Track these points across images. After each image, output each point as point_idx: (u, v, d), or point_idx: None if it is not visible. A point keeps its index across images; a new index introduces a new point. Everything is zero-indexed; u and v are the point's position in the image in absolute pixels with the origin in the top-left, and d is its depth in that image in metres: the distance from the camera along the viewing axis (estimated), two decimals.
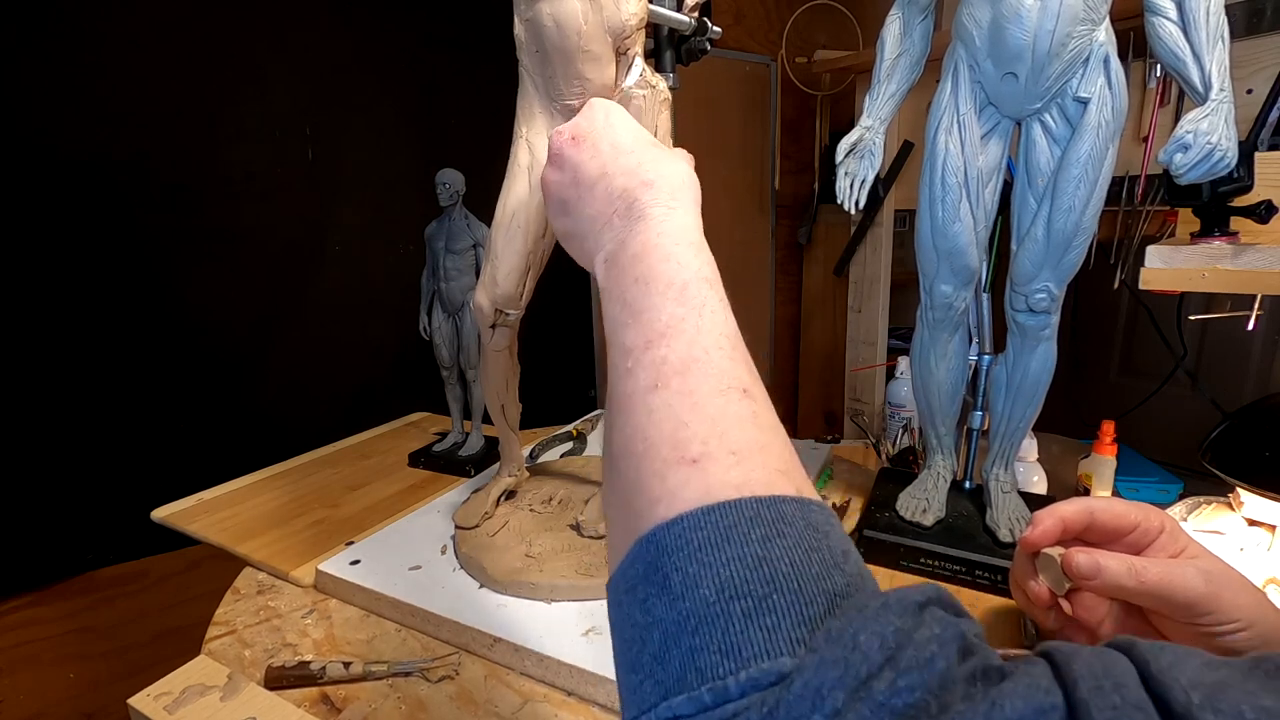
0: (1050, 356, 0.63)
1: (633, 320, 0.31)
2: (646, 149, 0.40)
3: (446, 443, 0.98)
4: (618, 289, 0.34)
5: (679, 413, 0.27)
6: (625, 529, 0.26)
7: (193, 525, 0.80)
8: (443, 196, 0.87)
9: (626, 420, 0.28)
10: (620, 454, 0.28)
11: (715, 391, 0.28)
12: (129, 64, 1.00)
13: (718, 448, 0.25)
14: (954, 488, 0.71)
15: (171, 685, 0.53)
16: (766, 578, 0.21)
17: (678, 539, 0.23)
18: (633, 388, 0.29)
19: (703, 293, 0.32)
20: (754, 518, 0.23)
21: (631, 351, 0.30)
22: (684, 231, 0.35)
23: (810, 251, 2.08)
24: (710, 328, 0.30)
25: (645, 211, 0.36)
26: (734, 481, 0.24)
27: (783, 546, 0.22)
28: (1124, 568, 0.42)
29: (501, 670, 0.54)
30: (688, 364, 0.28)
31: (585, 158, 0.40)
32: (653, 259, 0.33)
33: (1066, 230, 0.57)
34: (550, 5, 0.51)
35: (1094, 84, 0.54)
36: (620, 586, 0.25)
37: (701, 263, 0.34)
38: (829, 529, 0.24)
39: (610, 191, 0.38)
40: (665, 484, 0.25)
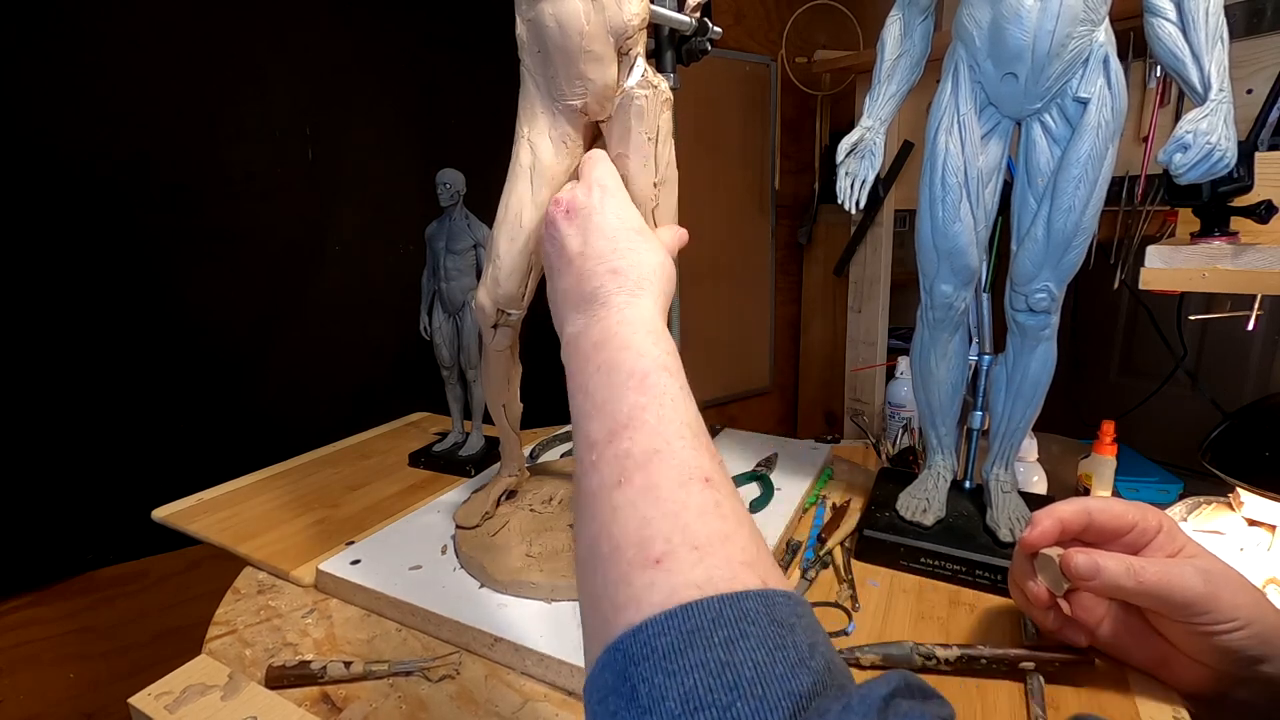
0: (1050, 356, 0.63)
1: (595, 410, 0.32)
2: (626, 235, 0.41)
3: (447, 443, 0.98)
4: (581, 377, 0.35)
5: (643, 510, 0.27)
6: (595, 636, 0.26)
7: (193, 525, 0.80)
8: (443, 197, 0.87)
9: (593, 518, 0.29)
10: (588, 555, 0.29)
11: (677, 484, 0.28)
12: (129, 64, 1.00)
13: (680, 544, 0.26)
14: (954, 488, 0.71)
15: (172, 685, 0.53)
16: (730, 684, 0.21)
17: (643, 647, 0.23)
18: (598, 484, 0.29)
19: (663, 382, 0.32)
20: (716, 619, 0.23)
21: (595, 445, 0.31)
22: (643, 320, 0.36)
23: (810, 251, 2.08)
24: (671, 417, 0.31)
25: (608, 299, 0.37)
26: (696, 581, 0.25)
27: (746, 649, 0.22)
28: (1122, 568, 0.42)
29: (502, 670, 0.54)
30: (650, 456, 0.29)
31: (570, 233, 0.42)
32: (613, 347, 0.34)
33: (1066, 230, 0.57)
34: (552, 5, 0.51)
35: (1094, 84, 0.55)
36: (593, 696, 0.25)
37: (661, 351, 0.34)
38: (795, 622, 0.24)
39: (581, 272, 0.39)
40: (631, 589, 0.25)
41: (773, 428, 2.19)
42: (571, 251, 0.41)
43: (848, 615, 0.58)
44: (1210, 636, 0.41)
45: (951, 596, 0.61)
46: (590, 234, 0.41)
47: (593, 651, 0.26)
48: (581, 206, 0.43)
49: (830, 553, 0.68)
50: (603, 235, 0.41)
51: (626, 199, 0.44)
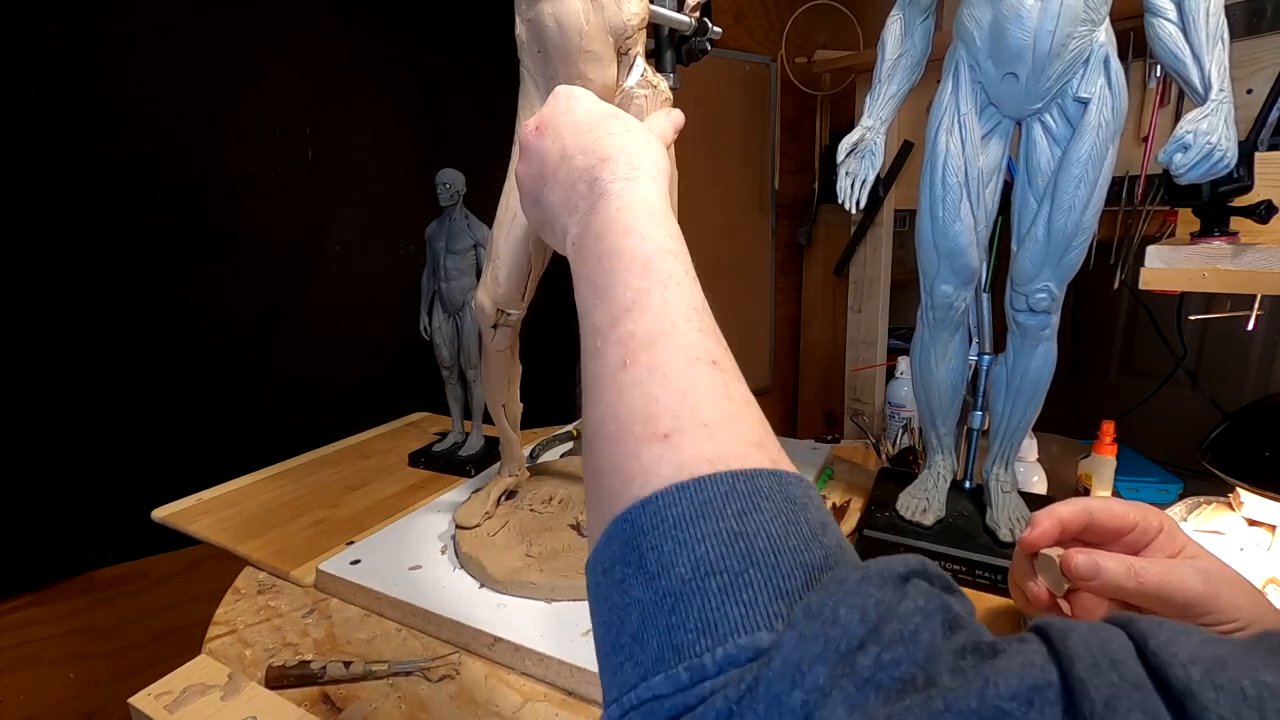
0: (1050, 356, 0.63)
1: (599, 299, 0.31)
2: (604, 122, 0.39)
3: (446, 443, 0.98)
4: (584, 269, 0.33)
5: (648, 388, 0.26)
6: (601, 511, 0.25)
7: (193, 525, 0.80)
8: (443, 196, 0.87)
9: (598, 400, 0.28)
10: (594, 436, 0.28)
11: (684, 364, 0.27)
12: (129, 64, 1.00)
13: (689, 421, 0.25)
14: (954, 487, 0.71)
15: (172, 685, 0.53)
16: (742, 552, 0.21)
17: (653, 517, 0.23)
18: (602, 367, 0.29)
19: (667, 265, 0.31)
20: (729, 492, 0.23)
21: (599, 330, 0.30)
22: (644, 204, 0.34)
23: (810, 251, 2.08)
24: (676, 300, 0.30)
25: (605, 188, 0.35)
26: (707, 455, 0.24)
27: (759, 521, 0.22)
28: (1123, 568, 0.42)
29: (502, 670, 0.54)
30: (655, 338, 0.28)
31: (548, 144, 0.40)
32: (614, 235, 0.33)
33: (1067, 230, 0.57)
34: (552, 5, 0.51)
35: (1094, 84, 0.55)
36: (597, 568, 0.24)
37: (664, 234, 0.33)
38: (806, 501, 0.24)
39: (571, 173, 0.37)
40: (639, 462, 0.24)
41: (773, 427, 2.18)
42: (554, 160, 0.39)
43: None
44: None
45: None
46: (566, 136, 0.39)
47: (598, 526, 0.25)
48: (550, 116, 0.41)
49: None
50: (580, 131, 0.39)
51: (593, 96, 0.42)
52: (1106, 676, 0.17)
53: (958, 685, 0.17)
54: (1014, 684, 0.17)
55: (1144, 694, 0.17)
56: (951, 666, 0.18)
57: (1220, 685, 0.17)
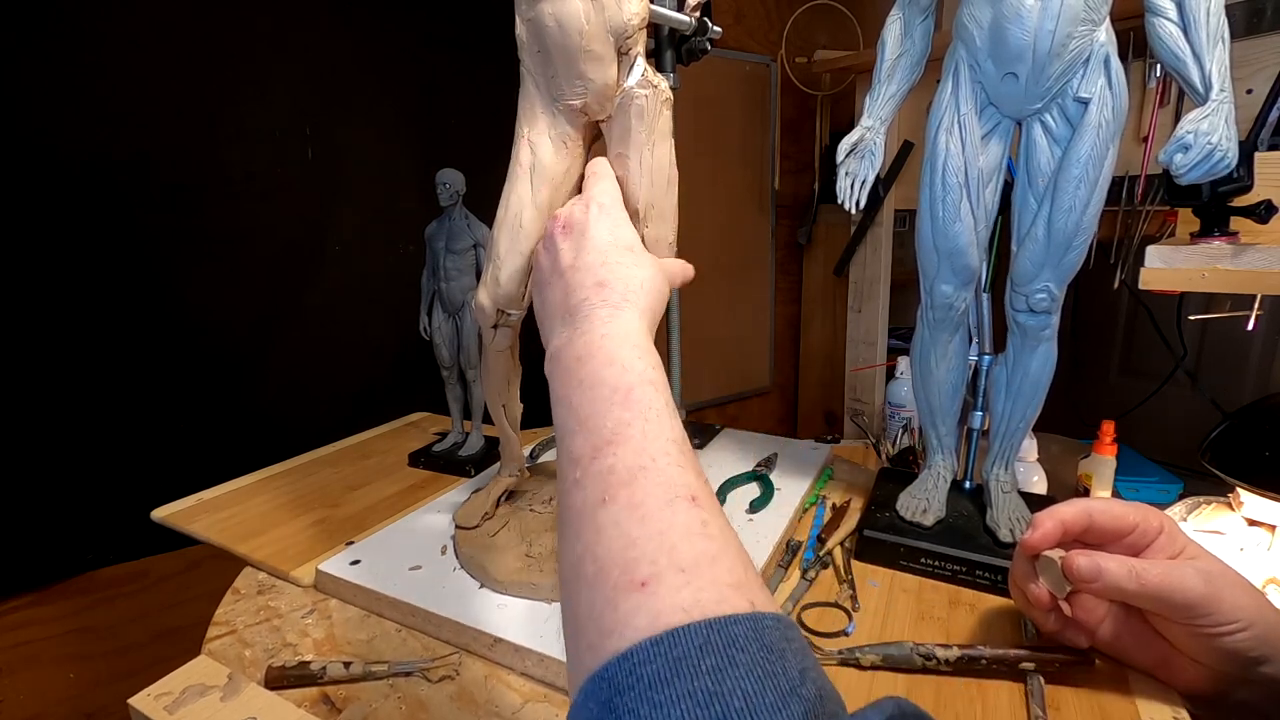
0: (1051, 357, 0.63)
1: (579, 426, 0.31)
2: (615, 251, 0.41)
3: (446, 443, 0.98)
4: (564, 392, 0.34)
5: (627, 529, 0.27)
6: (579, 662, 0.25)
7: (193, 525, 0.80)
8: (443, 196, 0.87)
9: (577, 537, 0.28)
10: (572, 576, 0.28)
11: (663, 502, 0.27)
12: (129, 64, 1.00)
13: (666, 566, 0.25)
14: (954, 488, 0.71)
15: (172, 685, 0.53)
16: (718, 716, 0.21)
17: (628, 675, 0.23)
18: (582, 502, 0.29)
19: (648, 396, 0.32)
20: (704, 645, 0.23)
21: (579, 461, 0.30)
22: (628, 335, 0.35)
23: (810, 251, 2.08)
24: (656, 433, 0.30)
25: (591, 312, 0.36)
26: (683, 604, 0.24)
27: (734, 677, 0.22)
28: (1124, 570, 0.42)
29: (502, 670, 0.54)
30: (635, 473, 0.28)
31: (564, 247, 0.42)
32: (597, 362, 0.33)
33: (1067, 230, 0.57)
34: (552, 5, 0.51)
35: (1094, 84, 0.55)
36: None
37: (646, 365, 0.34)
38: (785, 647, 0.24)
39: (569, 285, 0.39)
40: (616, 613, 0.25)
41: (773, 428, 2.19)
42: (563, 264, 0.41)
43: (848, 615, 0.58)
44: (1211, 638, 0.41)
45: (951, 597, 0.61)
46: (582, 248, 0.41)
47: (576, 678, 0.25)
48: (577, 222, 0.43)
49: (830, 553, 0.68)
50: (594, 249, 0.41)
51: (623, 217, 0.44)
52: None
53: None
54: None
55: None
56: None
57: None
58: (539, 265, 0.44)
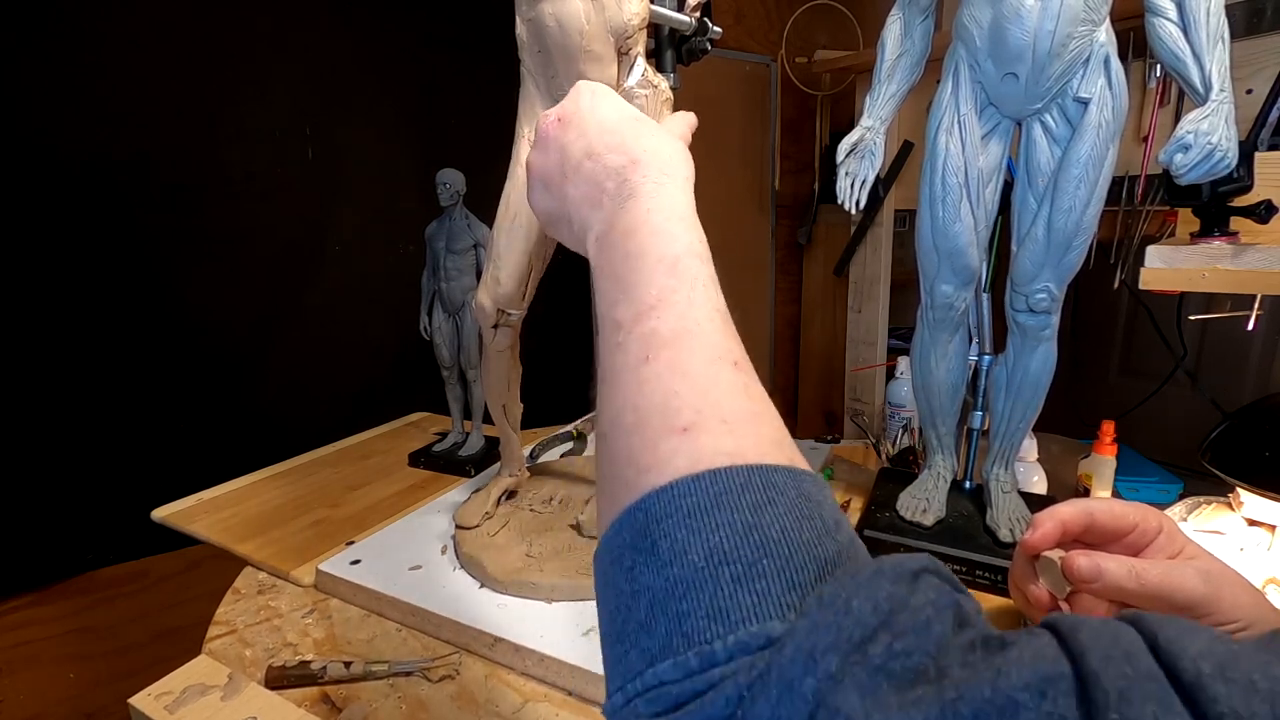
0: (1050, 357, 0.63)
1: (623, 295, 0.31)
2: (630, 124, 0.39)
3: (446, 443, 0.98)
4: (609, 265, 0.33)
5: (669, 383, 0.26)
6: (614, 500, 0.25)
7: (193, 525, 0.80)
8: (443, 196, 0.87)
9: (616, 393, 0.28)
10: (610, 427, 0.28)
11: (706, 362, 0.27)
12: (129, 64, 1.00)
13: (709, 416, 0.25)
14: (954, 488, 0.71)
15: (172, 685, 0.53)
16: (757, 543, 0.21)
17: (667, 505, 0.23)
18: (623, 361, 0.28)
19: (694, 267, 0.31)
20: (745, 485, 0.23)
21: (622, 325, 0.30)
22: (674, 207, 0.35)
23: (810, 251, 2.08)
24: (701, 301, 0.30)
25: (635, 189, 0.35)
26: (725, 449, 0.24)
27: (773, 514, 0.22)
28: (1124, 570, 0.42)
29: (502, 670, 0.54)
30: (679, 335, 0.28)
31: (571, 138, 0.40)
32: (643, 234, 0.33)
33: (1067, 230, 0.57)
34: (553, 5, 0.51)
35: (1094, 84, 0.55)
36: (606, 557, 0.24)
37: (693, 238, 0.33)
38: (821, 498, 0.24)
39: (597, 171, 0.37)
40: (656, 453, 0.24)
41: None
42: (577, 156, 0.39)
43: None
44: None
45: None
46: (592, 133, 0.39)
47: (609, 516, 0.25)
48: (573, 111, 0.40)
49: None
50: (607, 130, 0.39)
51: (618, 98, 0.42)
52: (1120, 668, 0.17)
53: (970, 676, 0.17)
54: (1026, 674, 0.17)
55: (1158, 685, 0.17)
56: (962, 660, 0.18)
57: (1231, 679, 0.17)
58: (538, 168, 0.41)
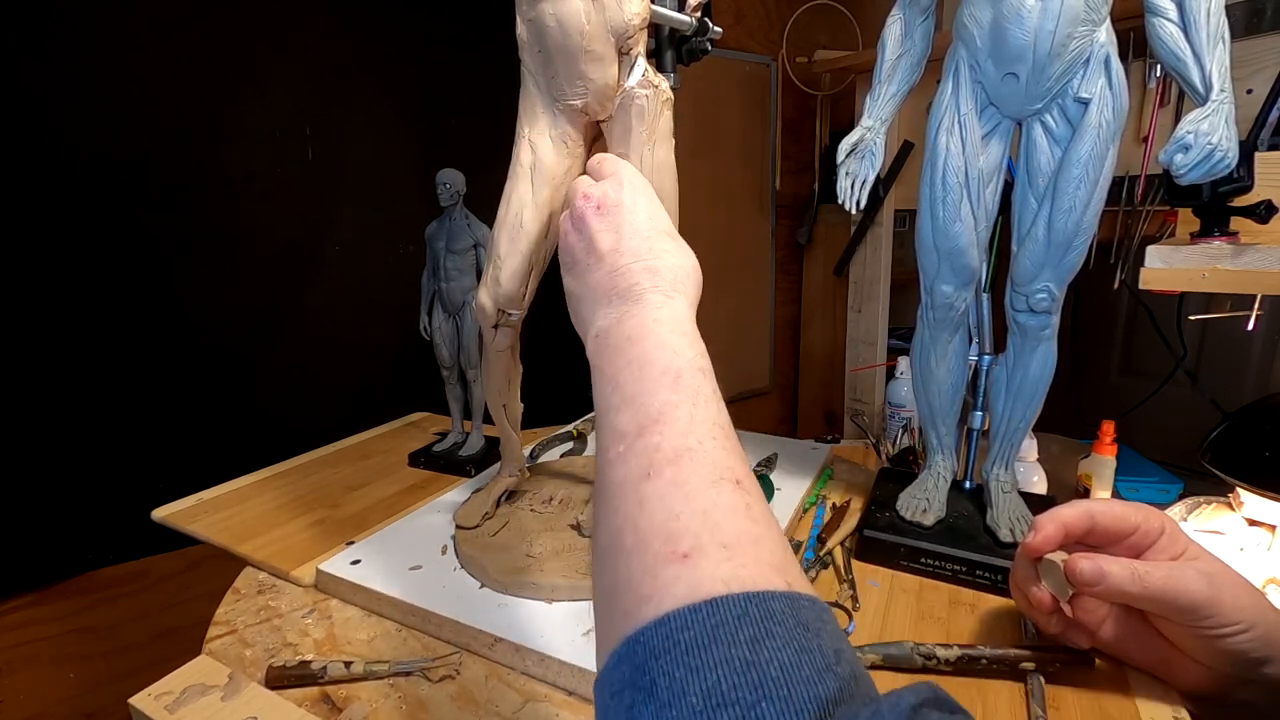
0: (1051, 357, 0.63)
1: (625, 405, 0.31)
2: (660, 237, 0.41)
3: (446, 443, 0.98)
4: (610, 370, 0.34)
5: (671, 504, 0.26)
6: (614, 627, 0.25)
7: (193, 525, 0.80)
8: (443, 196, 0.87)
9: (617, 509, 0.28)
10: (609, 547, 0.28)
11: (708, 482, 0.27)
12: (129, 64, 1.00)
13: (709, 541, 0.25)
14: (954, 488, 0.71)
15: (172, 685, 0.53)
16: (755, 683, 0.21)
17: (665, 640, 0.23)
18: (624, 475, 0.29)
19: (696, 382, 0.32)
20: (742, 616, 0.23)
21: (624, 437, 0.30)
22: (679, 321, 0.35)
23: (810, 251, 2.08)
24: (703, 418, 0.30)
25: (642, 296, 0.36)
26: (723, 577, 0.24)
27: (771, 648, 0.22)
28: (1127, 573, 0.42)
29: (503, 670, 0.54)
30: (680, 453, 0.28)
31: (602, 228, 0.41)
32: (648, 344, 0.33)
33: (1067, 231, 0.57)
34: (553, 5, 0.51)
35: (1095, 85, 0.55)
36: (606, 690, 0.24)
37: (695, 353, 0.34)
38: (820, 626, 0.24)
39: (615, 268, 0.39)
40: (655, 581, 0.24)
41: (773, 428, 2.19)
42: (604, 247, 0.40)
43: (848, 615, 0.58)
44: (1213, 639, 0.41)
45: (952, 596, 0.61)
46: (624, 231, 0.40)
47: (608, 644, 0.25)
48: (614, 204, 0.42)
49: (830, 553, 0.68)
50: (637, 234, 0.40)
51: (657, 201, 0.44)
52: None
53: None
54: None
55: None
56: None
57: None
58: (569, 246, 0.43)
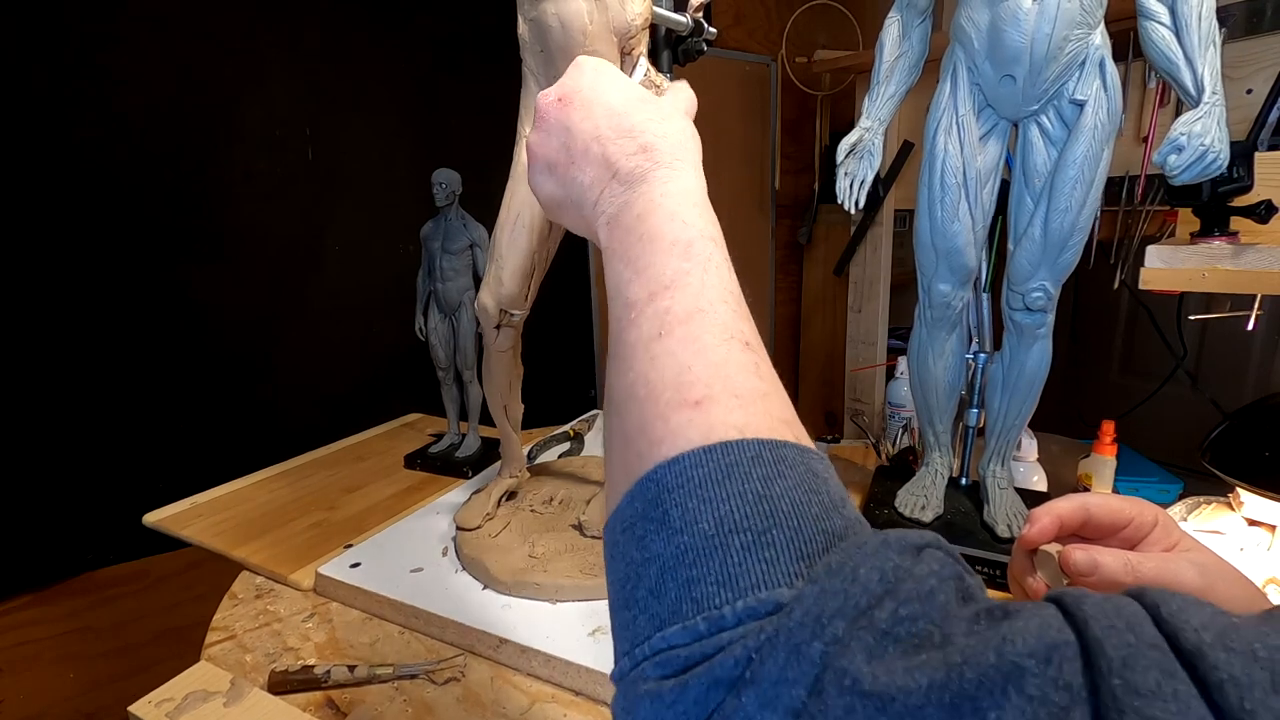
0: (1046, 354, 0.64)
1: (636, 276, 0.32)
2: (640, 107, 0.39)
3: (443, 444, 0.98)
4: (621, 247, 0.34)
5: (682, 358, 0.27)
6: (625, 471, 0.26)
7: (186, 530, 0.79)
8: (439, 197, 0.87)
9: (629, 367, 0.28)
10: (622, 400, 0.28)
11: (719, 341, 0.28)
12: (129, 64, 1.00)
13: (721, 391, 0.26)
14: (951, 484, 0.71)
15: (173, 692, 0.53)
16: (766, 513, 0.22)
17: (679, 476, 0.23)
18: (635, 337, 0.29)
19: (707, 249, 0.32)
20: (755, 457, 0.23)
21: (634, 304, 0.30)
22: (687, 193, 0.35)
23: (810, 251, 2.08)
24: (714, 283, 0.30)
25: (647, 174, 0.35)
26: (736, 423, 0.24)
27: (783, 486, 0.23)
28: (1119, 563, 0.42)
29: (508, 671, 0.54)
30: (691, 314, 0.29)
31: (576, 120, 0.39)
32: (657, 218, 0.33)
33: (1063, 230, 0.58)
34: (555, 5, 0.51)
35: (1090, 86, 0.55)
36: (617, 526, 0.25)
37: (706, 222, 0.34)
38: (827, 475, 0.25)
39: (607, 155, 0.37)
40: (668, 425, 0.25)
41: None
42: (583, 138, 0.38)
43: None
44: None
45: None
46: (599, 115, 0.38)
47: (621, 487, 0.26)
48: (575, 90, 0.39)
49: None
50: (613, 112, 0.38)
51: (619, 72, 0.41)
52: (1123, 637, 0.17)
53: (975, 643, 0.18)
54: (1032, 642, 0.17)
55: (1160, 653, 0.17)
56: (967, 629, 0.18)
57: (1231, 647, 0.17)
58: (542, 152, 0.40)
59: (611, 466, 0.28)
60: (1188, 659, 0.17)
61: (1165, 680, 0.16)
